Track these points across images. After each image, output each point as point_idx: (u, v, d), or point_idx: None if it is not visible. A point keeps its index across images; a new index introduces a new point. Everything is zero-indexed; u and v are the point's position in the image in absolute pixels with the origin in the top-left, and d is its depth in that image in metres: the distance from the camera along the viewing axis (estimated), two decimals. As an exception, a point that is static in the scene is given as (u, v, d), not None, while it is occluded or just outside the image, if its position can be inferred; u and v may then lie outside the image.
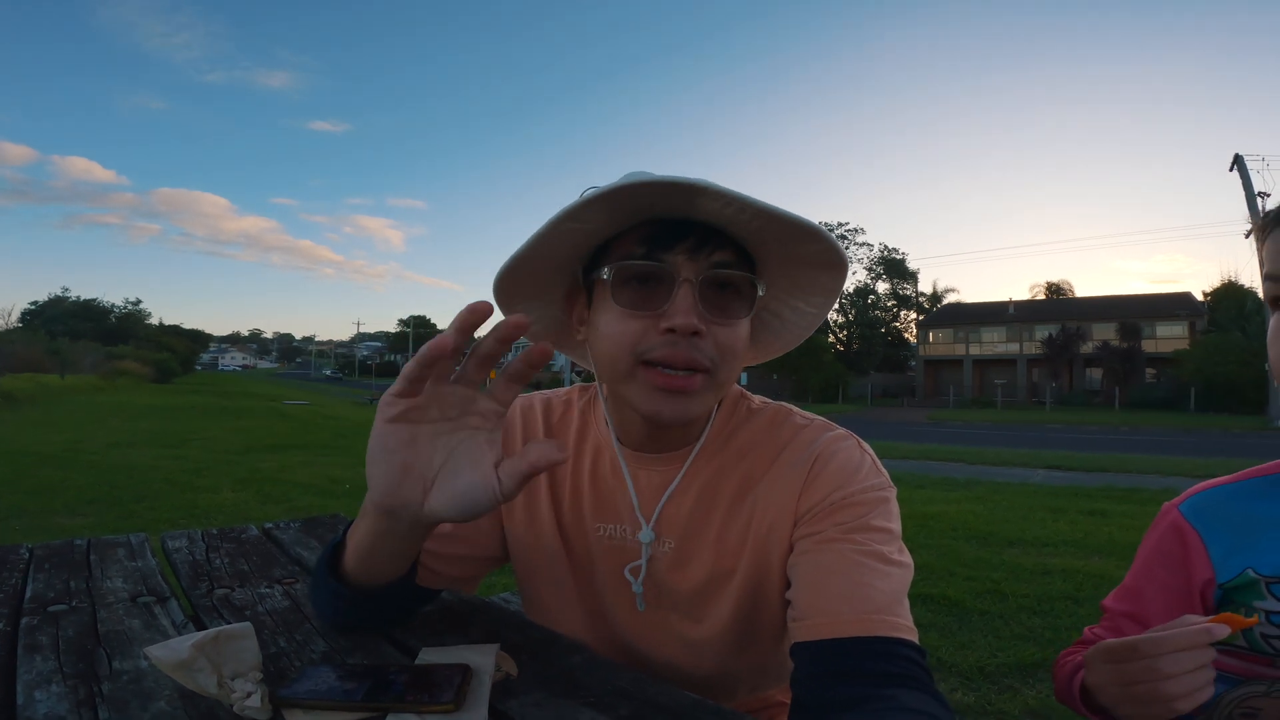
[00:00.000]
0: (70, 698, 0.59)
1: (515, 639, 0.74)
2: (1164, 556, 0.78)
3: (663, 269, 0.69)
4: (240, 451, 8.44)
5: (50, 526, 4.36)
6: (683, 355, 0.68)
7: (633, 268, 0.70)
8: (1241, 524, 0.74)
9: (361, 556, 0.69)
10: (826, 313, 0.78)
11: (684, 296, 0.68)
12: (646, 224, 0.71)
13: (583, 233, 0.71)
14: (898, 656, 0.61)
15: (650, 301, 0.69)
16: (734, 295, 0.71)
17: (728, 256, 0.70)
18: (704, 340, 0.69)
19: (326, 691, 0.58)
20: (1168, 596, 0.77)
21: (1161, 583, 0.78)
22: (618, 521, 0.80)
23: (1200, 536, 0.75)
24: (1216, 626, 0.59)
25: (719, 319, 0.70)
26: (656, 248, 0.69)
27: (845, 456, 0.75)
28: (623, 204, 0.68)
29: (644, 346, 0.69)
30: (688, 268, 0.69)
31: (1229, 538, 0.74)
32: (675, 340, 0.68)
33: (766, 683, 0.90)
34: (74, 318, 54.96)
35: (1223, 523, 0.75)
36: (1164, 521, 0.79)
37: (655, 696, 0.62)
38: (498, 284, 0.74)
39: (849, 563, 0.66)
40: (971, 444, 13.29)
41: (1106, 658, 0.67)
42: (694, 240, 0.69)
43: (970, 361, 41.36)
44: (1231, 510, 0.75)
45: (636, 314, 0.70)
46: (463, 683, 0.59)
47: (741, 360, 0.74)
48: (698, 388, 0.70)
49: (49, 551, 1.07)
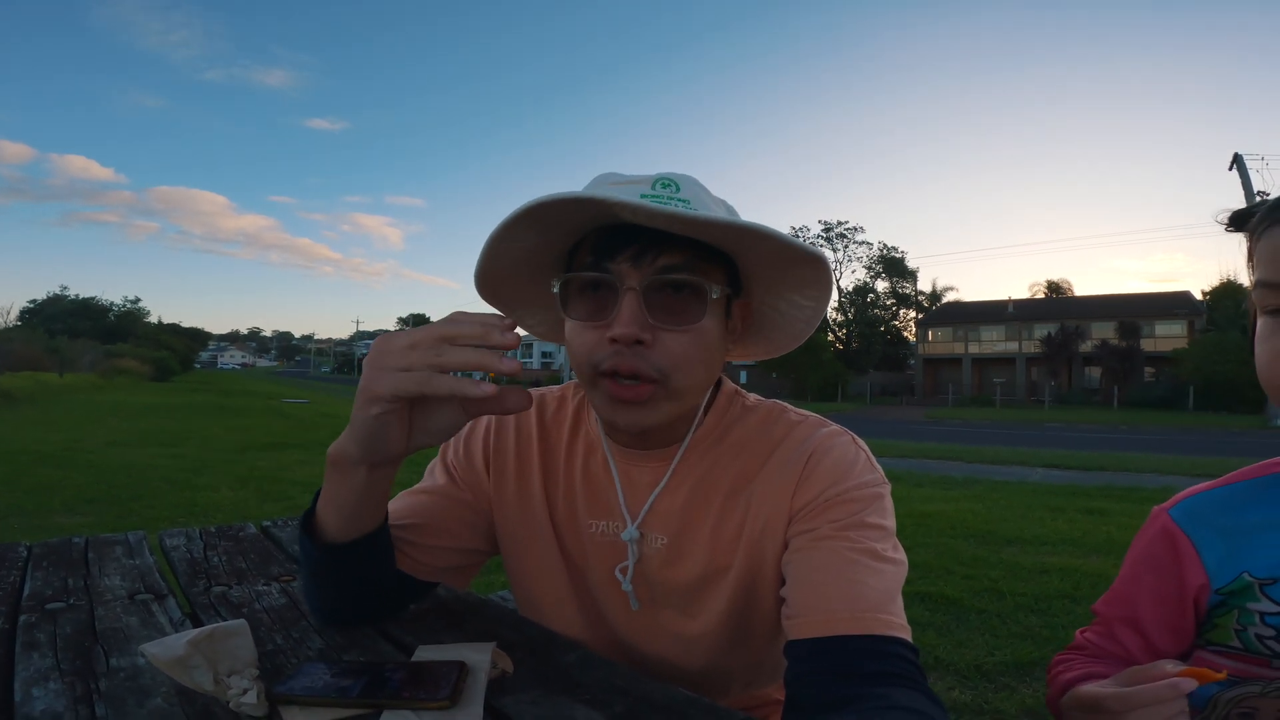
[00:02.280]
0: (67, 694, 0.59)
1: (511, 636, 0.75)
2: (1154, 561, 0.77)
3: (607, 278, 0.69)
4: (239, 450, 8.44)
5: (49, 525, 4.37)
6: (628, 365, 0.68)
7: (579, 279, 0.71)
8: (1234, 528, 0.73)
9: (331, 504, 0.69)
10: (825, 305, 0.78)
11: (628, 305, 0.67)
12: (597, 233, 0.71)
13: (527, 249, 0.72)
14: (891, 655, 0.61)
15: (599, 311, 0.69)
16: (688, 299, 0.70)
17: (675, 260, 0.69)
18: (651, 349, 0.68)
19: (322, 688, 0.58)
20: (1159, 602, 0.76)
21: (1152, 588, 0.77)
22: (609, 518, 0.81)
23: (1192, 542, 0.74)
24: (1184, 681, 0.59)
25: (669, 325, 0.69)
26: (602, 256, 0.69)
27: (840, 453, 0.75)
28: (555, 220, 0.68)
29: (597, 357, 0.69)
30: (632, 275, 0.68)
31: (1222, 542, 0.73)
32: (619, 350, 0.68)
33: (760, 680, 0.90)
34: (73, 316, 54.97)
35: (1215, 527, 0.74)
36: (1154, 526, 0.78)
37: (650, 694, 0.62)
38: (480, 292, 0.77)
39: (843, 560, 0.67)
40: (970, 442, 13.30)
41: (1079, 707, 0.68)
42: (637, 247, 0.68)
43: (969, 360, 41.41)
44: (1224, 514, 0.74)
45: (589, 325, 0.70)
46: (458, 680, 0.60)
47: (705, 365, 0.72)
48: (647, 397, 0.69)
49: (47, 549, 1.07)
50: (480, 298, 0.78)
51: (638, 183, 0.71)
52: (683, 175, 0.72)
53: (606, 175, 0.75)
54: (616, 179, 0.73)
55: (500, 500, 0.84)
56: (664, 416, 0.72)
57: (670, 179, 0.71)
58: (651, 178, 0.71)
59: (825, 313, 0.80)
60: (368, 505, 0.69)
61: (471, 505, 0.84)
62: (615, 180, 0.73)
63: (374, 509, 0.70)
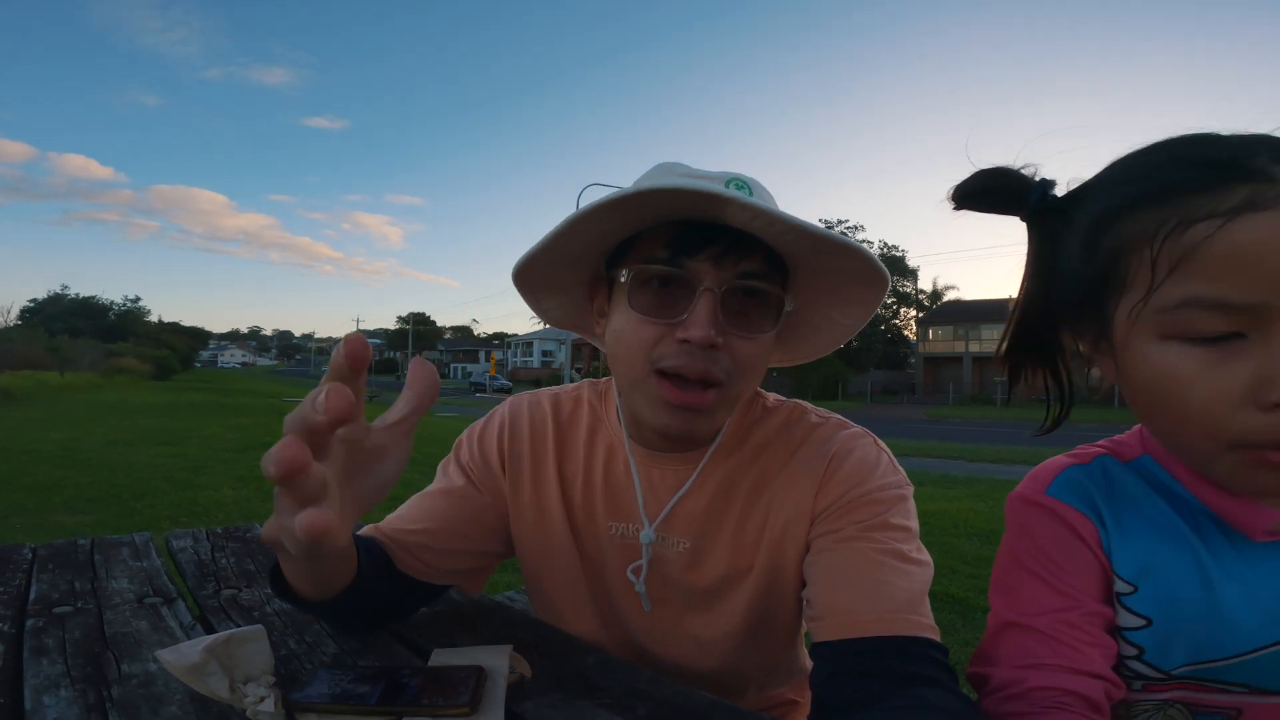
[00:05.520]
0: (80, 702, 0.58)
1: (528, 639, 0.73)
2: (1058, 543, 0.61)
3: (684, 275, 0.66)
4: (239, 449, 8.42)
5: (50, 524, 4.35)
6: (698, 367, 0.65)
7: (653, 271, 0.67)
8: (1110, 513, 0.61)
9: (299, 580, 0.62)
10: (861, 325, 0.75)
11: (704, 306, 0.65)
12: (673, 225, 0.68)
13: (600, 232, 0.69)
14: (920, 656, 0.60)
15: (669, 309, 0.67)
16: (759, 307, 0.68)
17: (755, 266, 0.67)
18: (721, 353, 0.66)
19: (340, 695, 0.57)
20: (1086, 571, 0.60)
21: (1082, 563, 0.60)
22: (629, 520, 0.79)
23: (1090, 518, 0.60)
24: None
25: (740, 332, 0.67)
26: (680, 253, 0.66)
27: (862, 454, 0.74)
28: (641, 207, 0.65)
29: (658, 354, 0.67)
30: (711, 276, 0.66)
31: (1105, 528, 0.60)
32: (691, 351, 0.65)
33: (776, 681, 0.89)
34: (73, 315, 54.99)
35: (1094, 508, 0.61)
36: (1031, 513, 0.63)
37: (672, 697, 0.61)
38: (518, 278, 0.75)
39: (869, 561, 0.66)
40: (970, 441, 13.29)
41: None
42: (721, 247, 0.66)
43: (969, 358, 41.39)
44: (1099, 494, 0.62)
45: (653, 320, 0.67)
46: (478, 685, 0.58)
47: (760, 375, 0.71)
48: (710, 404, 0.67)
49: (52, 551, 1.05)
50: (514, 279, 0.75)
51: (710, 179, 0.68)
52: (750, 178, 0.71)
53: (670, 165, 0.72)
54: (683, 170, 0.71)
55: (516, 502, 0.83)
56: (716, 423, 0.70)
57: (742, 180, 0.69)
58: (722, 175, 0.69)
59: (856, 334, 0.77)
60: (332, 572, 0.61)
61: (490, 507, 0.83)
62: (684, 171, 0.71)
63: (343, 569, 0.62)
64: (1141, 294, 0.50)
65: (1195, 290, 0.48)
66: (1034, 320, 0.61)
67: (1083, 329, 0.58)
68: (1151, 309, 0.50)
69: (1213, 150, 0.49)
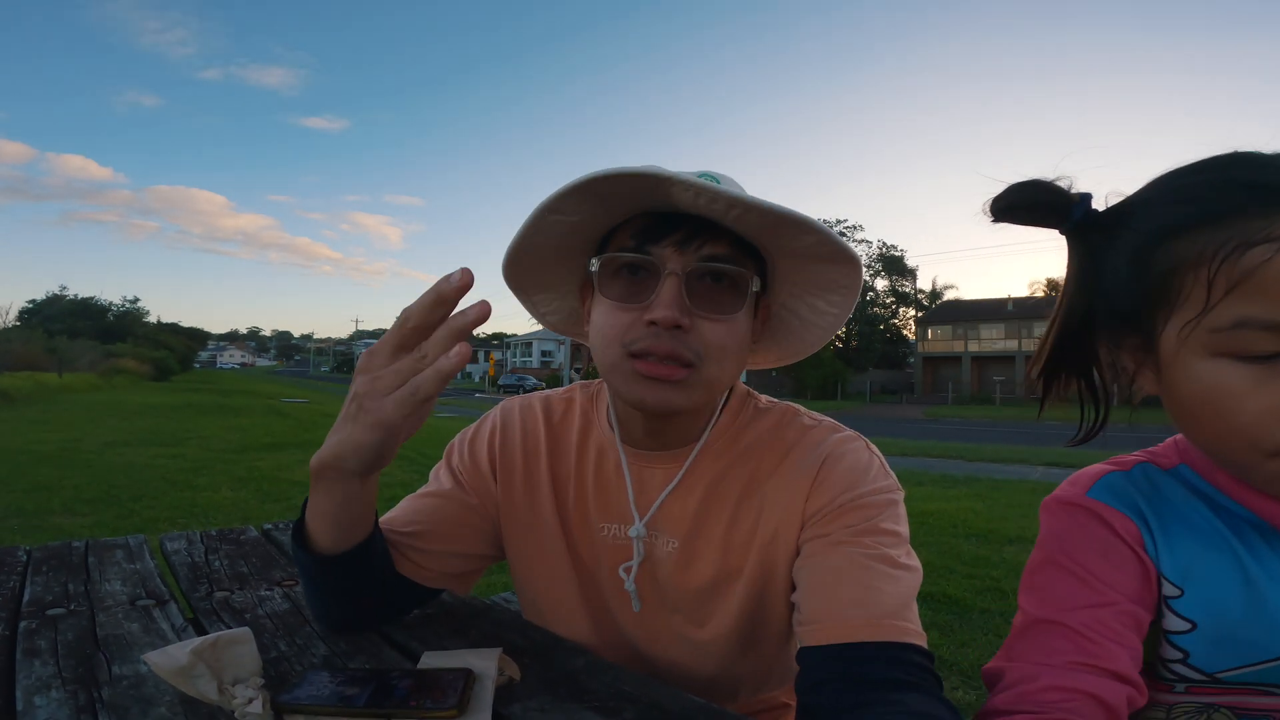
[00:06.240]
0: (70, 703, 0.58)
1: (517, 642, 0.74)
2: (1097, 542, 0.61)
3: (650, 261, 0.69)
4: (238, 450, 8.42)
5: (48, 526, 4.35)
6: (664, 348, 0.67)
7: (621, 260, 0.70)
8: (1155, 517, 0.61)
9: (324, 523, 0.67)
10: (848, 312, 0.76)
11: (669, 289, 0.67)
12: (640, 217, 0.71)
13: (569, 225, 0.71)
14: (906, 662, 0.60)
15: (637, 294, 0.69)
16: (727, 289, 0.70)
17: (720, 250, 0.69)
18: (688, 335, 0.68)
19: (328, 697, 0.58)
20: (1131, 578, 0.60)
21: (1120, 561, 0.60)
22: (620, 520, 0.80)
23: (1133, 520, 0.61)
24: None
25: (707, 313, 0.69)
26: (646, 240, 0.69)
27: (854, 458, 0.74)
28: (604, 196, 0.68)
29: (630, 338, 0.69)
30: (675, 260, 0.68)
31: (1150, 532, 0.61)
32: (658, 333, 0.67)
33: (769, 684, 0.89)
34: (72, 316, 54.92)
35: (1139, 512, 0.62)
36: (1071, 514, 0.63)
37: (661, 700, 0.61)
38: (505, 275, 0.77)
39: (857, 566, 0.66)
40: (970, 441, 13.30)
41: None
42: (684, 233, 0.68)
43: (969, 358, 41.42)
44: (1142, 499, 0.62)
45: (624, 306, 0.69)
46: (465, 687, 0.59)
47: (736, 358, 0.72)
48: (680, 377, 0.69)
49: (47, 553, 1.06)
50: (503, 277, 0.78)
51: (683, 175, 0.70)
52: (722, 173, 0.73)
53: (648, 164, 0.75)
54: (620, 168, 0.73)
55: (508, 505, 0.83)
56: (691, 401, 0.71)
57: (712, 175, 0.71)
58: (693, 173, 0.71)
59: (843, 323, 0.79)
60: (361, 513, 0.68)
61: (478, 510, 0.83)
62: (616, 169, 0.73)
63: (367, 515, 0.69)
64: (1195, 313, 0.51)
65: (1251, 312, 0.49)
66: (1074, 331, 0.62)
67: (1124, 342, 0.59)
68: (1205, 328, 0.51)
69: (1267, 174, 0.51)
